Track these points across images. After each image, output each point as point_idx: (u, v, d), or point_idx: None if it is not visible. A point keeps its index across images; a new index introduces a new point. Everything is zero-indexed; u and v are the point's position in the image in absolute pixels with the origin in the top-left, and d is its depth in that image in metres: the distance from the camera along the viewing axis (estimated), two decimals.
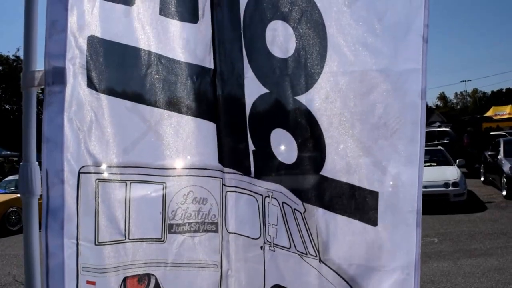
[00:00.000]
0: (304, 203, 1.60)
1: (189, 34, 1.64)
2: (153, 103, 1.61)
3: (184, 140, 1.67)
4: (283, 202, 1.65)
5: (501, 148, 14.81)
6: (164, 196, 1.64)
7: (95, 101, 1.52)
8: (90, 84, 1.51)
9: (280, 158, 1.64)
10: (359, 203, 1.50)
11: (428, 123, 43.42)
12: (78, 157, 1.48)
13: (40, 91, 1.51)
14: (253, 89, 1.65)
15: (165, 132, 1.64)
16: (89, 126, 1.51)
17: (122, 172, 1.57)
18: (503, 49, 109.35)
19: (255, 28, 1.63)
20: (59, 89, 1.42)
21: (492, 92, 80.00)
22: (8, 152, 35.76)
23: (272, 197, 1.67)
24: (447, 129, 22.37)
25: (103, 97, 1.53)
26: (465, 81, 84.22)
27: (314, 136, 1.55)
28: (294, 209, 1.63)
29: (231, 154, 1.74)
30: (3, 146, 35.53)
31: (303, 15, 1.51)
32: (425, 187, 11.60)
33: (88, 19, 1.51)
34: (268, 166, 1.68)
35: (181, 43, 1.63)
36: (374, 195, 1.46)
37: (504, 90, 78.56)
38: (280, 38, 1.57)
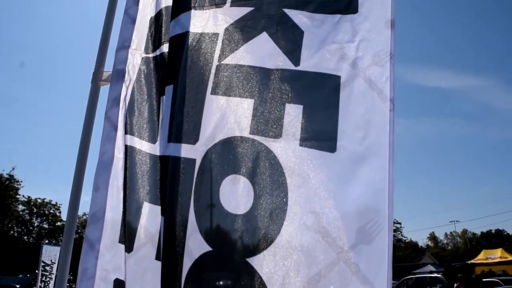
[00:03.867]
0: None
1: None
2: None
3: None
4: None
5: None
6: None
7: None
8: None
9: None
10: None
11: (420, 265, 42.85)
12: None
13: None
14: None
15: None
16: None
17: None
18: (490, 191, 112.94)
19: None
20: None
21: (482, 233, 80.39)
22: None
23: None
24: (439, 275, 22.09)
25: None
26: (454, 221, 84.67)
27: None
28: None
29: None
30: None
31: None
32: None
33: (111, 264, 1.77)
34: None
35: None
36: None
37: (493, 231, 79.15)
38: None
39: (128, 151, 1.87)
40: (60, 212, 58.96)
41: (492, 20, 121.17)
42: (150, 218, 1.77)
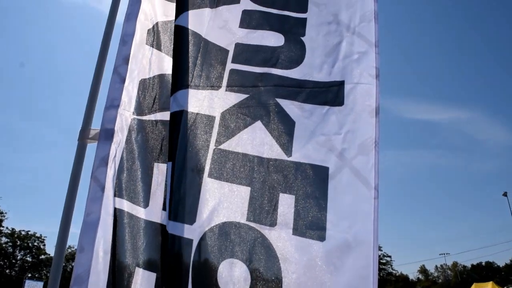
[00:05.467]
0: None
1: None
2: None
3: None
4: None
5: None
6: None
7: None
8: None
9: None
10: None
11: None
12: None
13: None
14: None
15: None
16: None
17: None
18: (479, 223, 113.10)
19: None
20: None
21: (472, 265, 79.95)
22: None
23: None
24: None
25: None
26: (444, 254, 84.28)
27: None
28: None
29: None
30: None
31: None
32: None
33: None
34: None
35: None
36: None
37: (483, 263, 78.82)
38: None
39: (117, 214, 1.87)
40: (44, 245, 57.52)
41: (477, 52, 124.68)
42: (143, 284, 1.78)
